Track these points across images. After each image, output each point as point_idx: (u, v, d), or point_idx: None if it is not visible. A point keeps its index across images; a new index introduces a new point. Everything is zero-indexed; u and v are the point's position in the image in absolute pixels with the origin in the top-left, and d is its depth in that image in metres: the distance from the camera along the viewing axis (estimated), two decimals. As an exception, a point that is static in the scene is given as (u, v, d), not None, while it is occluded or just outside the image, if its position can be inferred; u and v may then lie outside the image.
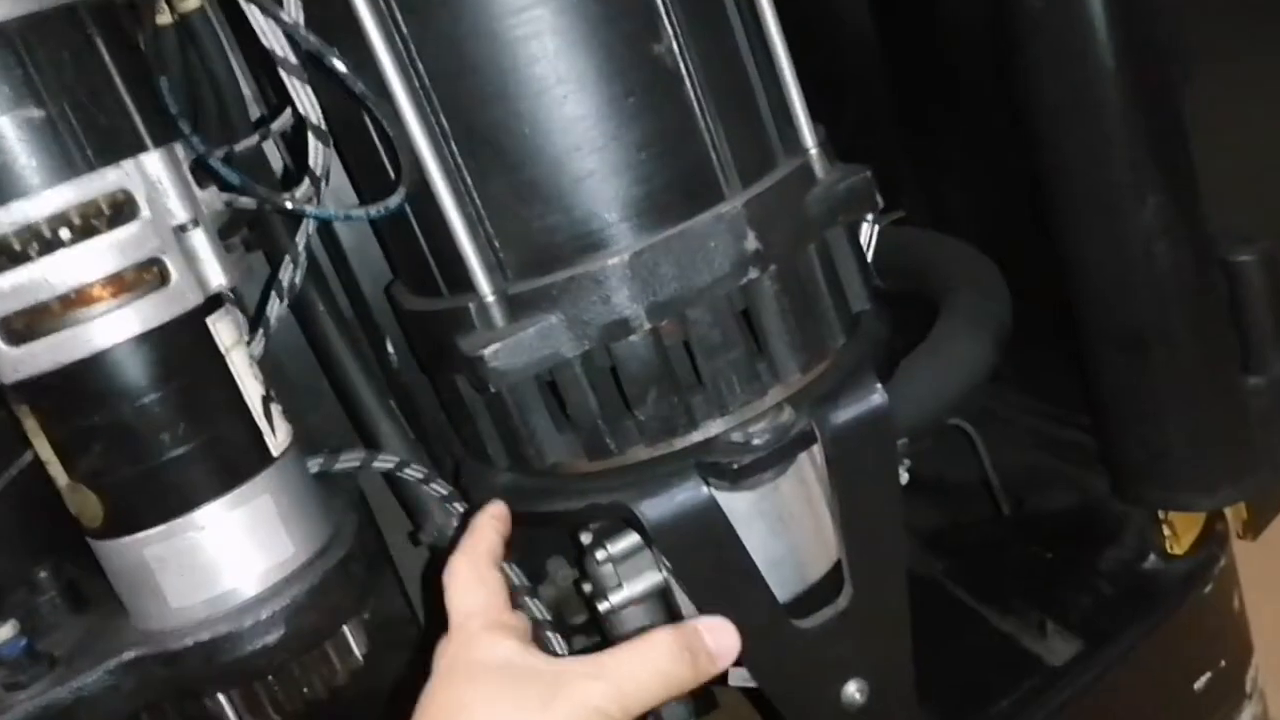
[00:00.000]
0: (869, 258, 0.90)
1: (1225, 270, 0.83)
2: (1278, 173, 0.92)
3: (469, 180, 0.73)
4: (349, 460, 0.84)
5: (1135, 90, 0.77)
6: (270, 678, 0.72)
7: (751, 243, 0.74)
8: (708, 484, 0.74)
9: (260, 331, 0.84)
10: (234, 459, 0.69)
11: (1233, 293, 0.84)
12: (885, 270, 0.91)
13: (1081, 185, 0.81)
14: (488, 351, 0.71)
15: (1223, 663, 0.96)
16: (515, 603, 0.68)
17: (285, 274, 0.87)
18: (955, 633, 0.97)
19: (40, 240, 0.62)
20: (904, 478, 0.87)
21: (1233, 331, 0.85)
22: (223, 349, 0.69)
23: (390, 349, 1.00)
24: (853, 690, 0.82)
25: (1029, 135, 0.83)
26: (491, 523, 0.71)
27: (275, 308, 0.86)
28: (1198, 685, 0.94)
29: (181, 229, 0.66)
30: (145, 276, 0.64)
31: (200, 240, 0.66)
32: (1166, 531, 0.94)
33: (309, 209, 0.74)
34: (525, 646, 0.61)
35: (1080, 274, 0.86)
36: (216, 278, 0.67)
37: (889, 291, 0.90)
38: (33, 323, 0.63)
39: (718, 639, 0.65)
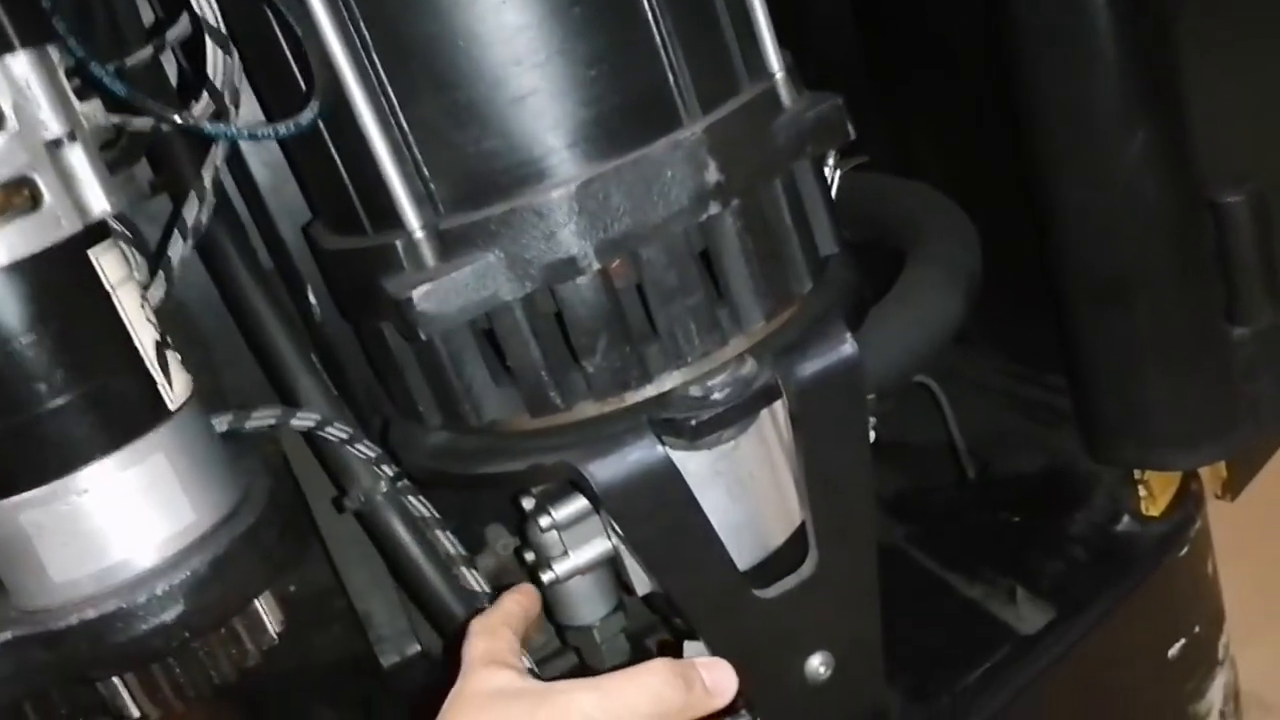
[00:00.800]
0: (831, 202, 0.84)
1: (1212, 212, 0.78)
2: (1267, 112, 0.87)
3: (393, 99, 0.65)
4: (262, 417, 0.76)
5: (1127, 11, 0.71)
6: (170, 660, 0.64)
7: (712, 174, 0.67)
8: (662, 443, 0.68)
9: (161, 275, 0.76)
10: (123, 412, 0.61)
11: (1219, 237, 0.79)
12: (847, 218, 0.84)
13: (1065, 115, 0.75)
14: (417, 294, 0.64)
15: (1197, 629, 0.92)
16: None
17: (190, 211, 0.78)
18: (920, 602, 0.92)
19: (-117, 153, 0.53)
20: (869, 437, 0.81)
21: (1218, 279, 0.80)
22: (108, 286, 0.60)
23: (311, 297, 0.91)
24: (817, 664, 0.78)
25: (1009, 63, 0.77)
26: (516, 596, 0.73)
27: (179, 249, 0.77)
28: (1172, 652, 0.90)
29: (56, 144, 0.57)
30: (13, 199, 0.55)
31: (78, 158, 0.58)
32: (1142, 492, 0.89)
33: (209, 125, 0.66)
34: (522, 678, 0.62)
35: (1060, 216, 0.80)
36: (98, 202, 0.58)
37: (851, 241, 0.83)
38: (-120, 249, 0.54)
39: (714, 675, 0.64)
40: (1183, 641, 0.90)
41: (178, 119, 0.64)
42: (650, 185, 0.66)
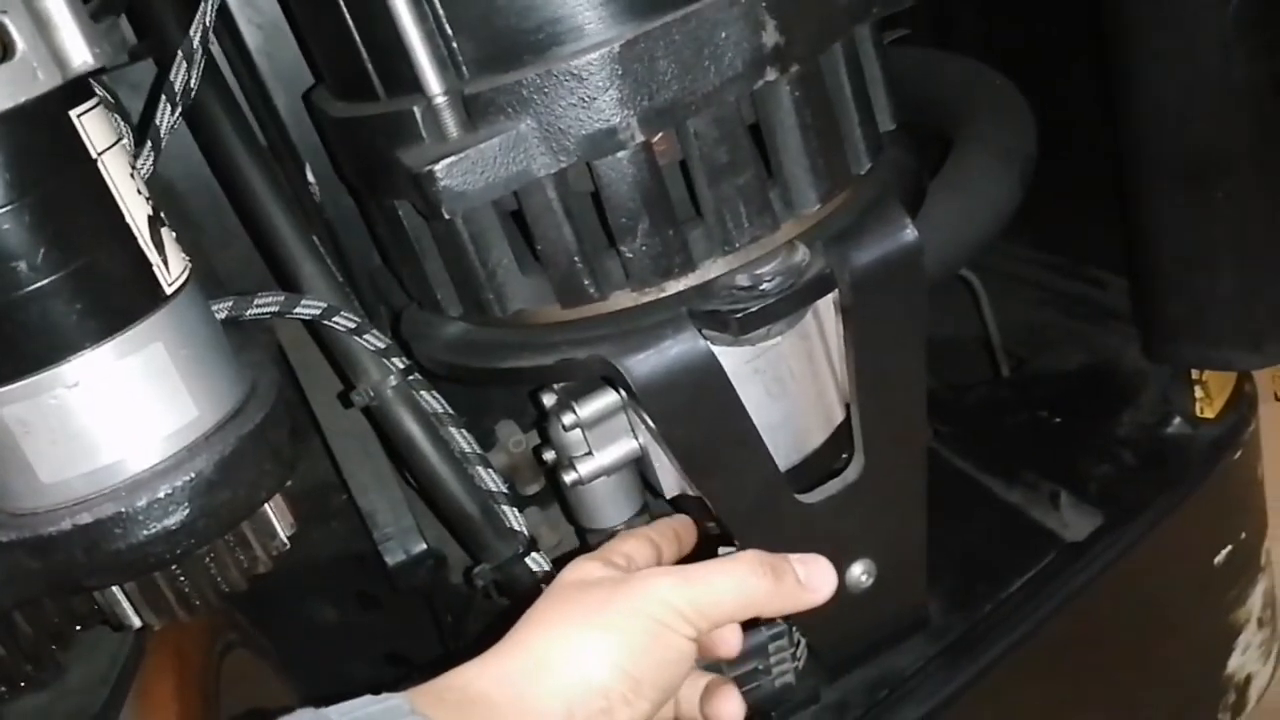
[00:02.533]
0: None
1: (1302, 94, 0.72)
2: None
3: (412, -59, 0.57)
4: (264, 305, 0.70)
5: None
6: (174, 568, 0.59)
7: (771, 35, 0.60)
8: (704, 337, 0.62)
9: (148, 146, 0.68)
10: (115, 296, 0.54)
11: (1306, 122, 0.72)
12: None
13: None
14: (440, 168, 0.58)
15: (1243, 535, 0.89)
16: None
17: (177, 74, 0.70)
18: (957, 507, 0.88)
19: None
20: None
21: (1304, 166, 0.74)
22: (93, 152, 0.53)
23: (311, 178, 0.84)
24: (859, 573, 0.74)
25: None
26: (674, 524, 0.68)
27: (167, 117, 0.70)
28: (1218, 560, 0.87)
29: (27, -16, 0.49)
30: (-22, 45, 0.48)
31: (54, 1, 0.49)
32: (1199, 393, 0.85)
33: (201, -32, 0.58)
34: (604, 567, 0.59)
35: (1137, 90, 0.73)
36: (79, 54, 0.51)
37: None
38: None
39: (810, 570, 0.59)
40: (1229, 548, 0.87)
41: (165, -42, 0.56)
42: (701, 47, 0.59)
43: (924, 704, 0.75)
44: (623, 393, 0.71)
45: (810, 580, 0.59)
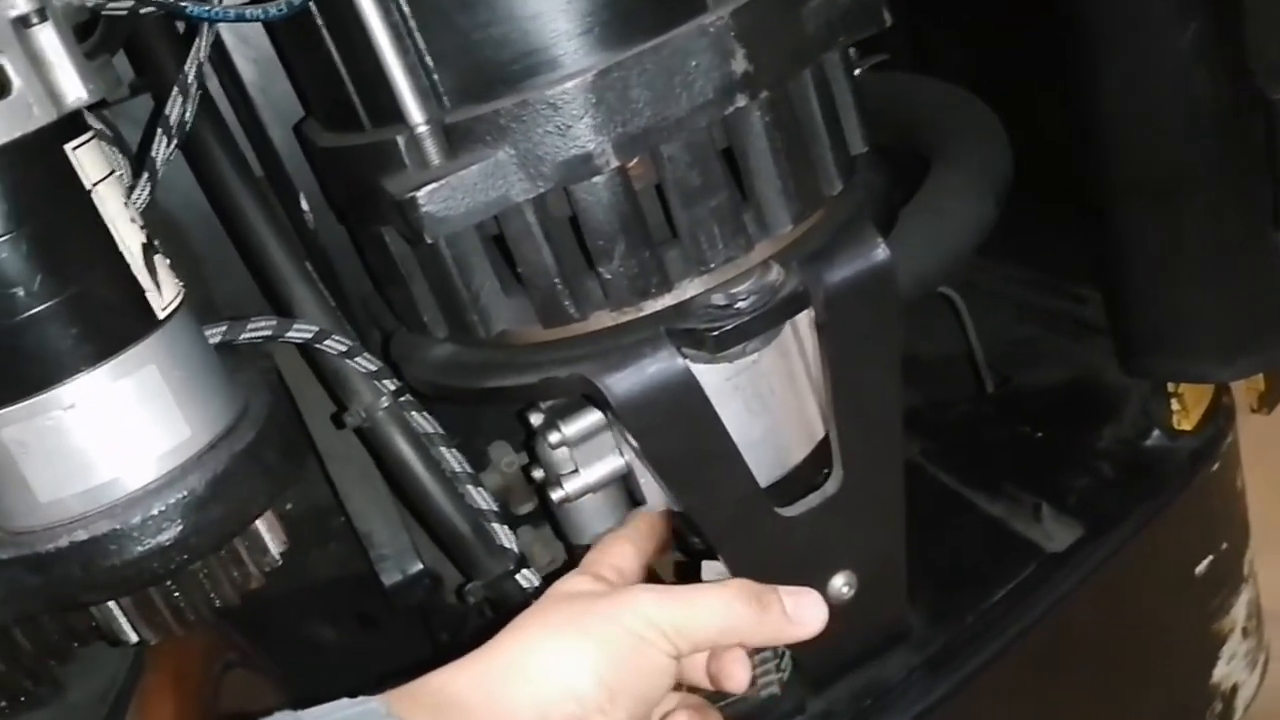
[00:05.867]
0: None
1: (1264, 111, 0.74)
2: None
3: (394, -22, 0.59)
4: (258, 329, 0.72)
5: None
6: (168, 583, 0.60)
7: (740, 63, 0.62)
8: (682, 355, 0.64)
9: (145, 178, 0.71)
10: (109, 321, 0.56)
11: (1269, 137, 0.74)
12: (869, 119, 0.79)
13: (1113, 4, 0.70)
14: (421, 194, 0.60)
15: (1224, 545, 0.90)
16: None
17: (173, 108, 0.72)
18: (940, 519, 0.89)
19: None
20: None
21: (1267, 181, 0.76)
22: (87, 184, 0.55)
23: (305, 206, 0.86)
24: (840, 584, 0.75)
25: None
26: (647, 520, 0.70)
27: (163, 149, 0.72)
28: (1199, 569, 0.88)
29: (23, 22, 0.51)
30: (-23, 84, 0.50)
31: (49, 39, 0.52)
32: (1175, 406, 0.86)
33: (191, 7, 0.60)
34: (594, 582, 0.60)
35: (1102, 111, 0.75)
36: (74, 90, 0.53)
37: (874, 144, 0.79)
38: None
39: (799, 603, 0.61)
40: (1210, 558, 0.88)
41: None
42: (673, 75, 0.61)
43: (907, 712, 0.76)
44: (607, 411, 0.73)
45: (798, 614, 0.60)
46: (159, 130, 0.73)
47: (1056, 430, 0.94)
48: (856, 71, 0.90)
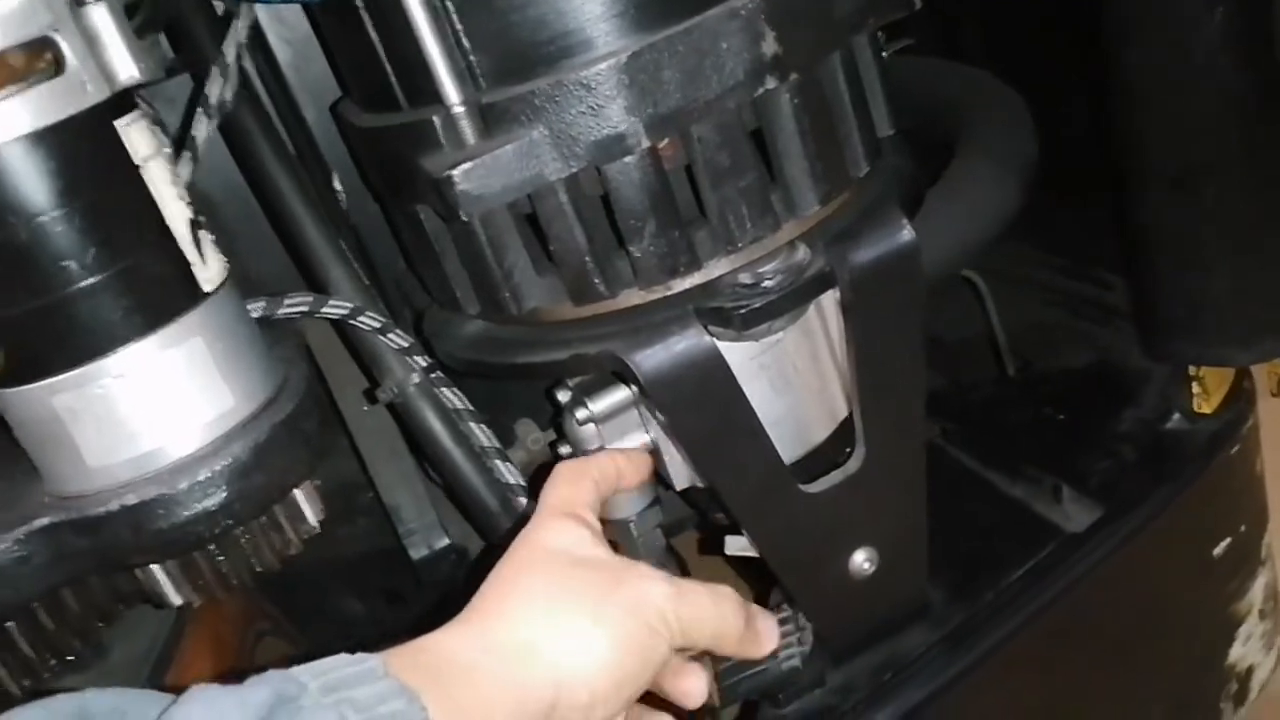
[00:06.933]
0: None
1: (1289, 97, 0.74)
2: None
3: (432, -39, 0.61)
4: (295, 304, 0.74)
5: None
6: (212, 547, 0.63)
7: (770, 45, 0.63)
8: (709, 332, 0.65)
9: (187, 155, 0.72)
10: (157, 293, 0.59)
11: (1294, 124, 0.75)
12: (895, 104, 0.80)
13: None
14: (458, 173, 0.61)
15: (1242, 528, 0.91)
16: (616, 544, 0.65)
17: (213, 89, 0.74)
18: (961, 499, 0.90)
19: (-105, 10, 0.49)
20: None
21: (1292, 167, 0.76)
22: (137, 159, 0.57)
23: (337, 184, 0.88)
24: (861, 560, 0.77)
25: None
26: (618, 455, 0.68)
27: (203, 128, 0.74)
28: (1217, 551, 0.89)
29: (78, 3, 0.53)
30: (35, 62, 0.52)
31: (103, 19, 0.54)
32: (1195, 389, 0.87)
33: (237, -11, 0.62)
34: (595, 540, 0.58)
35: (1128, 98, 0.76)
36: (125, 69, 0.55)
37: (901, 128, 0.79)
38: (-104, 114, 0.51)
39: (767, 624, 0.63)
40: (1228, 541, 0.89)
41: (205, -21, 0.60)
42: (704, 57, 0.62)
43: (926, 686, 0.77)
44: (633, 388, 0.74)
45: (767, 634, 0.62)
46: (199, 109, 0.75)
47: (1077, 412, 0.95)
48: (885, 54, 0.91)
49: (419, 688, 0.47)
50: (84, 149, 0.55)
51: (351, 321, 0.78)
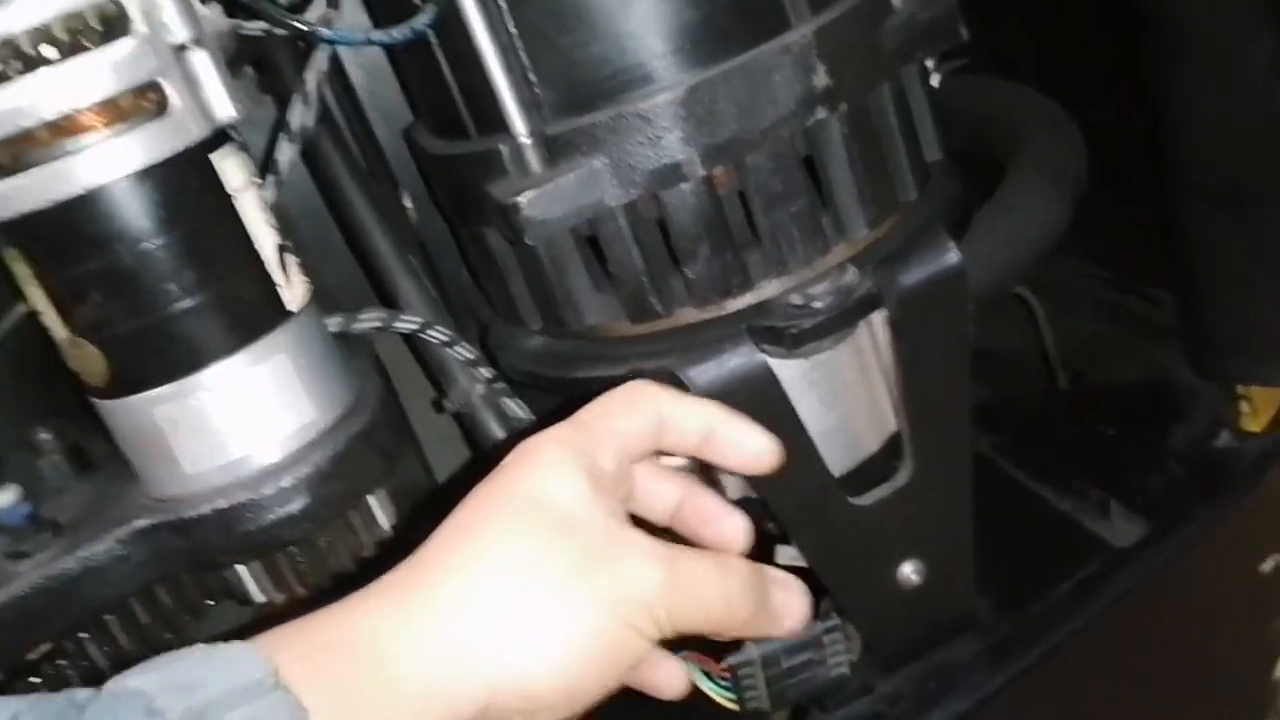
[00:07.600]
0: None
1: (1339, 122, 0.75)
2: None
3: (502, 2, 0.65)
4: (369, 320, 0.78)
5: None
6: (293, 549, 0.67)
7: (821, 78, 0.66)
8: (761, 350, 0.68)
9: (270, 178, 0.77)
10: (247, 313, 0.63)
11: (1343, 147, 0.75)
12: (946, 124, 0.82)
13: (1192, 19, 0.72)
14: (523, 199, 0.65)
15: (1291, 546, 0.91)
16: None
17: (295, 115, 0.79)
18: (1009, 512, 0.92)
19: (21, 57, 0.54)
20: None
21: (1340, 190, 0.77)
22: (230, 190, 0.62)
23: (408, 202, 0.92)
24: (909, 571, 0.78)
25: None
26: (720, 413, 0.54)
27: (285, 152, 0.79)
28: (1264, 568, 0.90)
29: (181, 49, 0.58)
30: (142, 103, 0.57)
31: (203, 63, 0.59)
32: (1244, 408, 0.88)
33: (324, 31, 0.66)
34: (593, 495, 0.46)
35: (1177, 121, 0.77)
36: (223, 108, 0.59)
37: (951, 148, 0.82)
38: (18, 153, 0.56)
39: (788, 596, 0.53)
40: (1276, 558, 0.89)
41: (299, 26, 0.65)
42: (757, 90, 0.65)
43: (971, 696, 0.79)
44: (688, 402, 0.77)
45: (785, 606, 0.53)
46: (281, 135, 0.80)
47: (1126, 428, 0.96)
48: (934, 79, 0.93)
49: (309, 695, 0.38)
50: (184, 182, 0.60)
51: (421, 335, 0.82)
